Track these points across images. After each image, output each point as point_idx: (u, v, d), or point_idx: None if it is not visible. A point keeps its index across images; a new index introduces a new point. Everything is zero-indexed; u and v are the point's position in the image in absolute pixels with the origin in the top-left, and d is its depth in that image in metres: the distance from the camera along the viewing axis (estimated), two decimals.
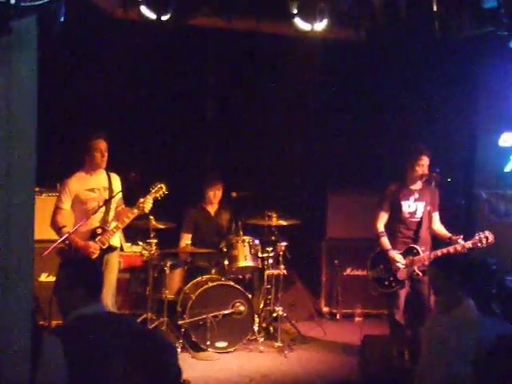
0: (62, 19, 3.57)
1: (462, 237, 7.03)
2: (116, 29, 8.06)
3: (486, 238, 6.97)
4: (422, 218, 7.16)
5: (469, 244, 6.97)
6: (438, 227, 7.26)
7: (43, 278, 7.79)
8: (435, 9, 5.93)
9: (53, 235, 6.82)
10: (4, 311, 3.03)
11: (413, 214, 7.20)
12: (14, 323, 3.07)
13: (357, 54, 8.61)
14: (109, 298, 6.63)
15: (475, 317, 4.60)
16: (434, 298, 6.88)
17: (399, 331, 7.02)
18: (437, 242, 7.17)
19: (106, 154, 6.83)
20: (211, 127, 9.71)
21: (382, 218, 7.29)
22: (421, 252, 7.05)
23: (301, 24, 6.56)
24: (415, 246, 7.11)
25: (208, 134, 9.72)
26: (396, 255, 7.09)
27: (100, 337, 3.58)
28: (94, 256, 6.61)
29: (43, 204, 7.52)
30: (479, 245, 6.99)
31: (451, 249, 6.98)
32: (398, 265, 7.06)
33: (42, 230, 6.90)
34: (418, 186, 7.23)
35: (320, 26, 6.60)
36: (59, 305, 3.84)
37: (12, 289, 3.06)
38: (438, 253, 6.97)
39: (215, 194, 8.31)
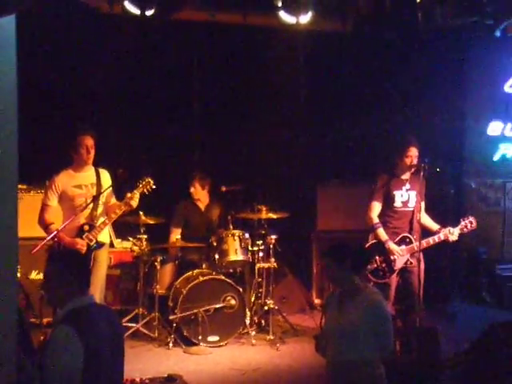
0: None
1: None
2: (102, 24, 8.04)
3: (471, 222, 7.18)
4: (414, 208, 7.19)
5: (457, 230, 7.10)
6: (425, 218, 7.30)
7: (33, 275, 7.76)
8: (418, 0, 5.93)
9: (42, 232, 6.81)
10: None
11: (405, 203, 7.23)
12: None
13: (343, 46, 8.61)
14: (97, 293, 6.61)
15: (381, 297, 4.69)
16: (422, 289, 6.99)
17: None
18: (425, 232, 7.21)
19: (92, 151, 6.81)
20: (199, 121, 9.68)
21: (376, 209, 7.29)
22: (413, 241, 7.10)
23: (286, 17, 6.56)
24: (408, 235, 7.14)
25: (196, 128, 9.70)
26: (395, 246, 7.12)
27: (99, 324, 3.76)
28: (82, 252, 6.60)
29: (32, 201, 7.55)
30: (465, 230, 7.18)
31: (442, 236, 7.12)
32: (397, 255, 7.09)
33: (31, 228, 6.91)
34: (407, 175, 7.26)
35: (305, 18, 6.61)
36: (50, 299, 3.98)
37: None
38: (430, 241, 7.12)
39: (196, 190, 8.34)
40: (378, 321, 4.54)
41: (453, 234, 7.09)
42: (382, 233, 7.19)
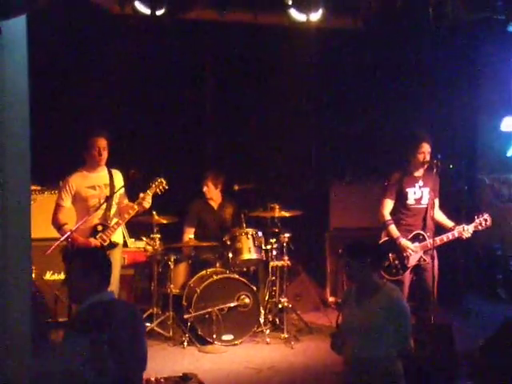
0: None
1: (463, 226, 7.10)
2: (114, 25, 8.07)
3: (485, 220, 7.13)
4: (427, 205, 7.16)
5: (471, 228, 7.06)
6: (438, 214, 7.28)
7: (48, 276, 7.80)
8: None
9: (56, 233, 6.84)
10: (3, 311, 3.04)
11: (419, 200, 7.18)
12: (13, 323, 3.07)
13: (355, 43, 8.60)
14: None
15: (400, 294, 4.75)
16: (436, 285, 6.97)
17: None
18: (438, 229, 7.19)
19: (103, 152, 6.84)
20: (211, 120, 9.69)
21: (388, 206, 7.25)
22: (427, 238, 7.06)
23: (296, 15, 6.55)
24: (422, 232, 7.11)
25: (208, 127, 9.72)
26: (407, 242, 7.07)
27: (117, 320, 3.81)
28: None
29: (45, 203, 7.59)
30: (480, 227, 7.13)
31: (456, 233, 7.08)
32: (410, 251, 7.05)
33: (45, 229, 6.95)
34: (420, 172, 7.22)
35: (315, 16, 6.60)
36: (71, 295, 4.11)
37: (10, 289, 3.06)
38: (444, 238, 7.08)
39: (209, 190, 8.36)
40: (398, 318, 4.55)
41: (467, 231, 7.07)
42: (393, 230, 7.16)
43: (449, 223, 7.21)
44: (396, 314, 4.55)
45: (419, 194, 7.20)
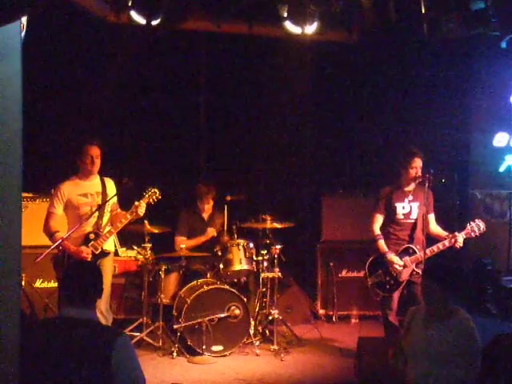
0: None
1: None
2: (109, 34, 8.09)
3: (478, 226, 7.01)
4: (416, 219, 7.15)
5: (462, 235, 6.98)
6: (435, 228, 7.25)
7: (38, 284, 7.79)
8: (423, 11, 5.95)
9: (47, 241, 6.80)
10: None
11: (407, 215, 7.17)
12: (2, 331, 3.05)
13: (349, 57, 8.64)
14: (103, 303, 6.61)
15: (473, 324, 4.63)
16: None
17: (393, 332, 7.00)
18: (432, 242, 7.17)
19: (96, 161, 6.81)
20: (205, 131, 9.71)
21: (378, 221, 7.26)
22: (417, 251, 7.03)
23: (291, 27, 6.58)
24: (411, 245, 7.09)
25: (202, 138, 9.73)
26: (393, 257, 7.05)
27: (57, 339, 3.60)
28: (87, 260, 6.61)
29: (37, 210, 7.59)
30: (472, 234, 7.01)
31: (446, 242, 6.99)
32: (396, 266, 7.02)
33: (37, 236, 6.92)
34: (411, 187, 7.22)
35: (310, 29, 6.63)
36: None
37: None
38: (434, 248, 6.98)
39: (205, 208, 8.41)
40: (469, 350, 4.46)
41: (457, 239, 7.01)
42: (382, 245, 7.15)
43: (443, 233, 7.16)
44: (466, 345, 4.46)
45: (408, 208, 7.18)
